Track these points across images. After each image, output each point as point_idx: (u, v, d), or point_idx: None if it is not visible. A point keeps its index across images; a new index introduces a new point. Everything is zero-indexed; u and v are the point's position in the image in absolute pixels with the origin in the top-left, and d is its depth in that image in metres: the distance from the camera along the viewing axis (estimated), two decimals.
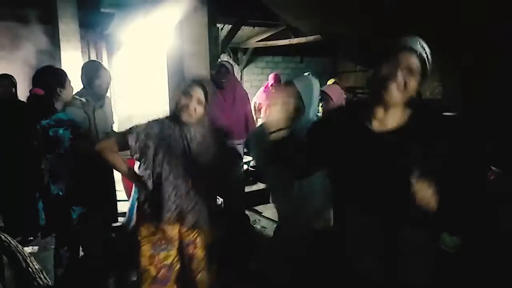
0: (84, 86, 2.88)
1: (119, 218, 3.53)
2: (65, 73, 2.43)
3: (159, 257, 1.90)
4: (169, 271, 1.92)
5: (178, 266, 1.97)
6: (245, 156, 5.70)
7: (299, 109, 1.98)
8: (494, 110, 5.02)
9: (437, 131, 1.33)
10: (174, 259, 1.94)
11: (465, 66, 5.95)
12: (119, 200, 3.47)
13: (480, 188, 1.51)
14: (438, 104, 7.00)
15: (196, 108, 1.84)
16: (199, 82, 1.87)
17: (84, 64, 3.00)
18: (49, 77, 2.36)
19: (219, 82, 3.62)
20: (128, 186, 3.64)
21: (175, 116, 1.89)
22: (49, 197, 2.36)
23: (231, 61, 3.83)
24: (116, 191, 3.30)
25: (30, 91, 2.33)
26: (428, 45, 1.37)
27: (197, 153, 1.87)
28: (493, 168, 3.54)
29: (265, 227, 4.02)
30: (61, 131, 2.27)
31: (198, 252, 1.97)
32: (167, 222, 1.86)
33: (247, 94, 3.93)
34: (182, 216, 1.88)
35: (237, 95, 3.75)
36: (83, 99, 2.64)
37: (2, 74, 3.76)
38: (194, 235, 1.96)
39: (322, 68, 9.42)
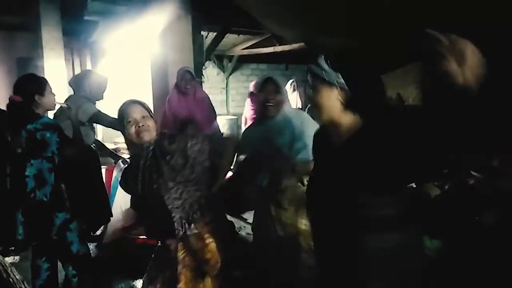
0: (78, 91, 3.01)
1: None
2: (45, 80, 2.44)
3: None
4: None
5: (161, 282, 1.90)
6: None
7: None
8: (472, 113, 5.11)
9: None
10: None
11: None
12: None
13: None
14: (417, 109, 7.12)
15: (148, 124, 1.78)
16: (134, 102, 1.83)
17: (79, 73, 3.24)
18: (28, 85, 2.38)
19: (184, 88, 3.57)
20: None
21: (135, 146, 1.83)
22: (31, 207, 2.33)
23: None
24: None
25: (9, 98, 2.34)
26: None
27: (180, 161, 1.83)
28: (472, 172, 3.61)
29: (250, 234, 4.02)
30: (48, 134, 2.29)
31: (186, 272, 1.89)
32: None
33: (209, 98, 3.87)
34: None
35: (197, 97, 3.71)
36: (65, 105, 2.65)
37: None
38: (183, 252, 1.89)
39: (307, 75, 9.48)
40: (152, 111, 1.86)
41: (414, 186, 3.50)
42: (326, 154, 1.52)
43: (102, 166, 3.40)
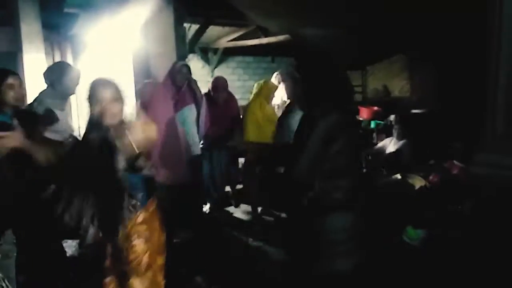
0: (49, 85, 2.87)
1: None
2: (5, 74, 2.26)
3: None
4: None
5: None
6: None
7: None
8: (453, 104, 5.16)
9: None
10: None
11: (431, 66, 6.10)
12: None
13: None
14: (406, 101, 7.15)
15: (116, 107, 1.77)
16: (105, 83, 1.80)
17: (52, 64, 3.02)
18: None
19: (179, 83, 3.37)
20: None
21: (96, 125, 1.79)
22: None
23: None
24: None
25: None
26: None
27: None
28: (455, 162, 3.64)
29: (235, 228, 4.00)
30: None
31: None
32: None
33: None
34: None
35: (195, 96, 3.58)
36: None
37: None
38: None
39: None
40: (123, 94, 1.84)
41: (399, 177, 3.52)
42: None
43: None
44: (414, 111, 5.95)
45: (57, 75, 2.86)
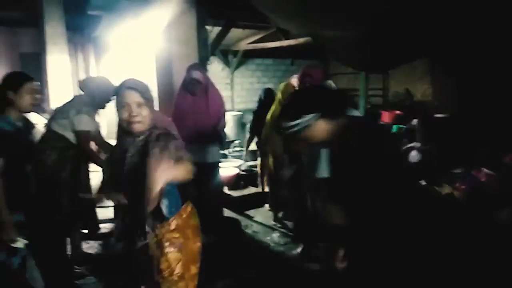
0: (86, 95, 3.02)
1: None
2: (24, 80, 2.27)
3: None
4: None
5: None
6: (235, 159, 5.65)
7: None
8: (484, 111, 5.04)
9: None
10: None
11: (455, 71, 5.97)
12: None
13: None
14: (429, 105, 7.03)
15: (141, 113, 1.66)
16: (130, 87, 1.67)
17: (92, 76, 3.31)
18: (5, 80, 2.27)
19: (192, 91, 3.44)
20: None
21: (124, 131, 1.71)
22: None
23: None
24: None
25: None
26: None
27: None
28: (484, 169, 3.53)
29: (256, 232, 3.96)
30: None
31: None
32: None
33: (221, 97, 3.72)
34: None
35: (210, 99, 3.55)
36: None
37: None
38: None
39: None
40: (152, 97, 1.73)
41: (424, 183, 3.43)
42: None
43: None
44: (437, 115, 5.83)
45: (95, 87, 3.00)
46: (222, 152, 3.93)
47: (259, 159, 4.54)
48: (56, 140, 2.85)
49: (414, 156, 3.97)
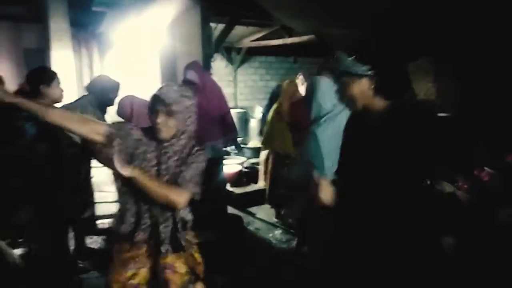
0: (92, 94, 3.10)
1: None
2: (54, 74, 2.51)
3: (126, 275, 1.72)
4: None
5: None
6: (238, 156, 5.67)
7: None
8: (488, 110, 5.04)
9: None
10: (142, 280, 1.74)
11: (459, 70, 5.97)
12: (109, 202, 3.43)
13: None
14: (431, 104, 7.02)
15: (167, 122, 1.67)
16: (159, 97, 1.68)
17: (95, 77, 3.33)
18: (36, 75, 2.46)
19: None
20: None
21: (152, 131, 1.73)
22: None
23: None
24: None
25: (18, 85, 2.41)
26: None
27: (172, 172, 1.72)
28: (486, 169, 3.54)
29: (258, 229, 3.98)
30: (27, 125, 2.40)
31: (176, 278, 1.75)
32: (129, 239, 1.72)
33: (223, 95, 3.76)
34: (144, 234, 1.72)
35: (208, 98, 3.58)
36: None
37: None
38: (172, 258, 1.75)
39: (316, 68, 9.42)
40: (183, 108, 1.70)
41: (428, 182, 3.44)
42: (360, 139, 1.68)
43: None
44: (440, 114, 5.82)
45: (99, 87, 3.09)
46: (225, 149, 3.94)
47: (262, 154, 4.56)
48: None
49: None
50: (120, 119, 3.26)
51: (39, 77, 2.47)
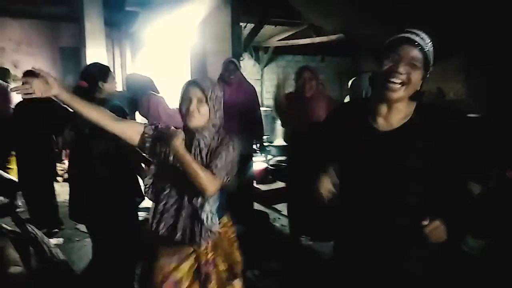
0: (127, 91, 3.33)
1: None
2: (108, 68, 2.58)
3: (169, 267, 1.75)
4: (176, 286, 1.73)
5: (188, 284, 1.76)
6: (263, 154, 5.72)
7: None
8: None
9: (441, 130, 1.35)
10: (184, 276, 1.75)
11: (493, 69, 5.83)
12: None
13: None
14: (462, 105, 6.88)
15: (199, 110, 1.67)
16: (194, 82, 1.70)
17: (134, 74, 3.51)
18: (93, 71, 2.51)
19: (228, 78, 3.61)
20: None
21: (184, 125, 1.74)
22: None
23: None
24: None
25: (76, 84, 2.49)
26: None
27: (207, 161, 1.71)
28: None
29: (284, 226, 4.03)
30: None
31: (216, 274, 1.76)
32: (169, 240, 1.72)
33: (254, 89, 3.89)
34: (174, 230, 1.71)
35: (244, 90, 3.74)
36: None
37: (29, 71, 3.91)
38: (213, 254, 1.77)
39: (343, 67, 9.37)
40: (216, 96, 1.71)
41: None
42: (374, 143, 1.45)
43: None
44: (470, 115, 5.72)
45: (133, 83, 3.29)
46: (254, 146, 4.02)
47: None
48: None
49: None
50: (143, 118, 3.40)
51: (97, 73, 2.52)
